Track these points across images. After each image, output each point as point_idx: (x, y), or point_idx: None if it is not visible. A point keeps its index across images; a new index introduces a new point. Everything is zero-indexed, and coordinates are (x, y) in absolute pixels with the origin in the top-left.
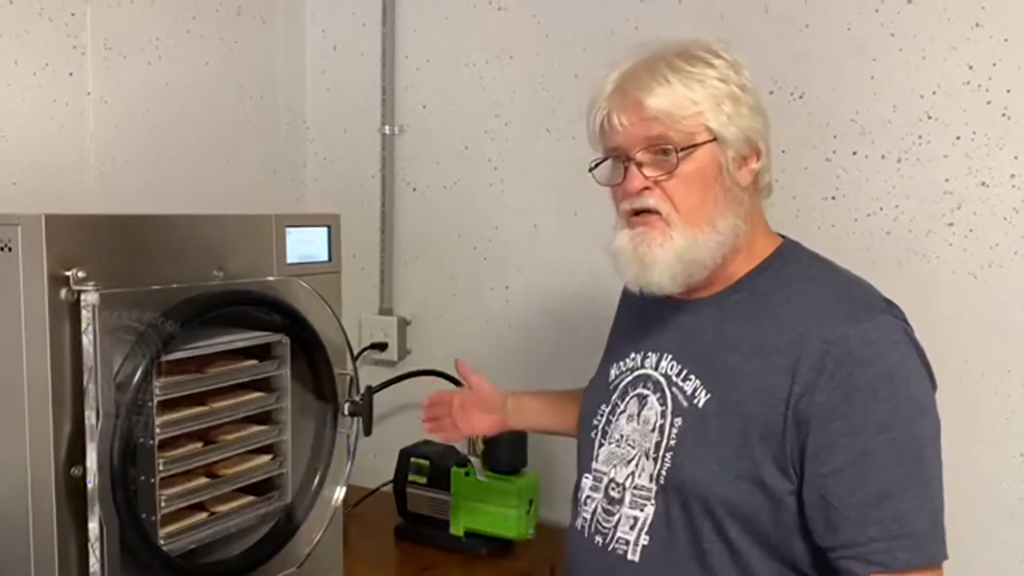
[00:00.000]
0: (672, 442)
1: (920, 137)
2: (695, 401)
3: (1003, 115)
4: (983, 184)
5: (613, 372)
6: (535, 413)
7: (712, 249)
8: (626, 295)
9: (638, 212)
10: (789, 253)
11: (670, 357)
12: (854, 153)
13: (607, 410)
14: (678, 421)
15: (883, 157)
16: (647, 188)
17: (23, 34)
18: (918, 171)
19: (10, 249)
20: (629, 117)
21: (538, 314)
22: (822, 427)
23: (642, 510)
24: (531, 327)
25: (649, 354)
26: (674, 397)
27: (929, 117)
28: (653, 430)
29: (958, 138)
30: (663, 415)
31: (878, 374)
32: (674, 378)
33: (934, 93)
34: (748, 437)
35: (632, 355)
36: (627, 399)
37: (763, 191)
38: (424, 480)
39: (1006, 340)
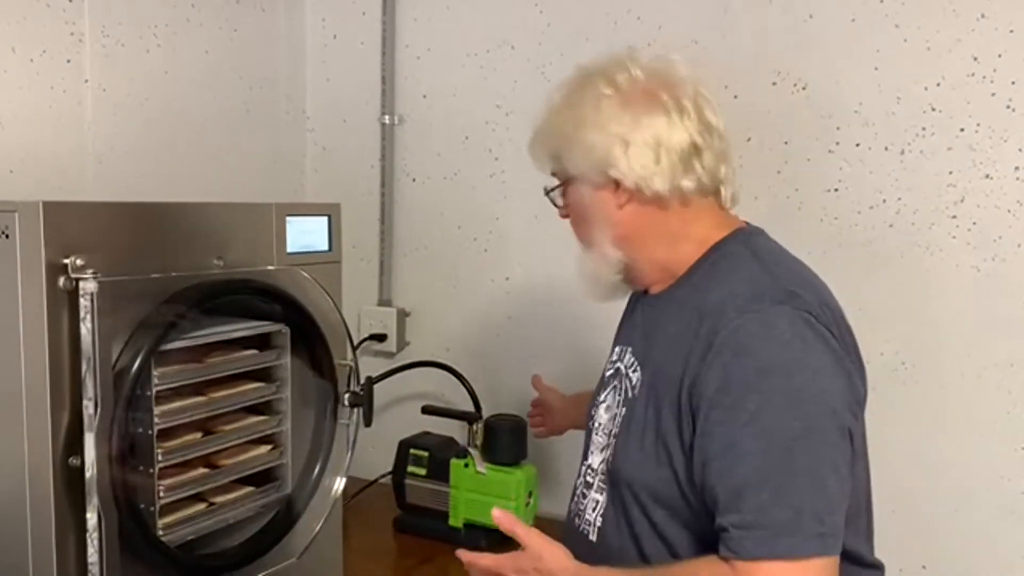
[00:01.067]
0: (616, 431)
1: (924, 129)
2: (634, 390)
3: (1008, 107)
4: (987, 177)
5: (605, 367)
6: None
7: (604, 268)
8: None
9: None
10: (728, 245)
11: (630, 351)
12: (857, 145)
13: (597, 402)
14: (623, 411)
15: (886, 149)
16: (567, 215)
17: (21, 20)
18: (922, 163)
19: (7, 236)
20: (536, 162)
21: (538, 306)
22: (703, 416)
23: (601, 494)
24: (531, 319)
25: (620, 347)
26: (625, 388)
27: (933, 109)
28: (611, 419)
29: (962, 130)
30: (619, 405)
31: (755, 366)
32: (627, 370)
33: (938, 85)
34: (661, 423)
35: (616, 350)
36: (605, 391)
37: (669, 201)
38: (423, 472)
39: (1008, 334)
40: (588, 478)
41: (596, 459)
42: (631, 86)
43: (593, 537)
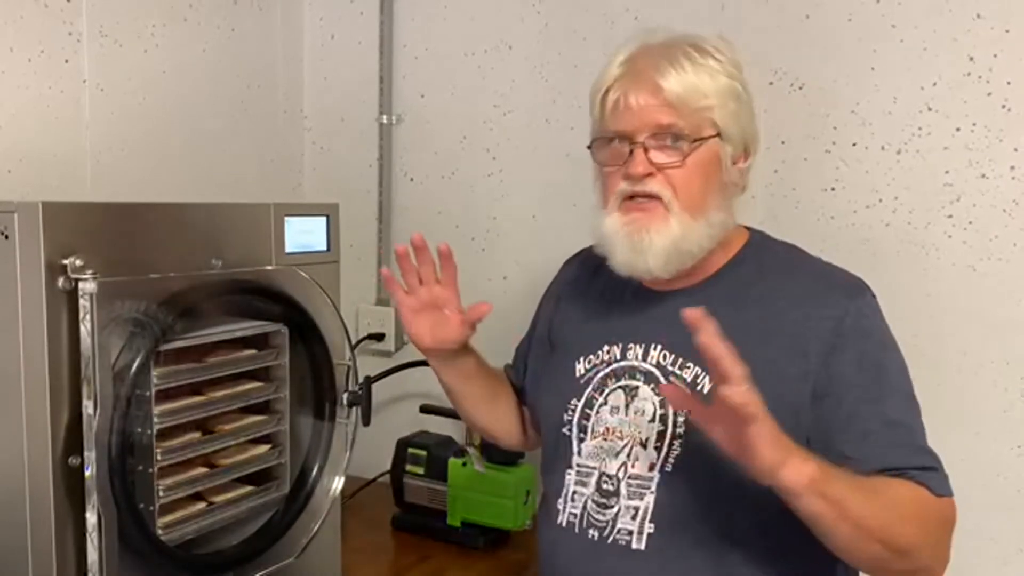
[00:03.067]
0: (679, 430)
1: (920, 129)
2: (699, 388)
3: (1003, 107)
4: (983, 176)
5: (581, 367)
6: (472, 364)
7: (703, 240)
8: (563, 289)
9: (633, 197)
10: (761, 243)
11: (660, 347)
12: (854, 144)
13: (580, 404)
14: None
15: (883, 148)
16: (650, 174)
17: (18, 20)
18: (918, 163)
19: (7, 237)
20: (646, 99)
21: (536, 306)
22: (845, 397)
23: (641, 499)
24: (529, 318)
25: (631, 345)
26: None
27: (929, 108)
28: (652, 420)
29: (958, 130)
30: (663, 404)
31: (879, 342)
32: (670, 367)
33: (935, 84)
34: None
35: (606, 348)
36: (607, 392)
37: (741, 191)
38: (421, 471)
39: (1005, 333)
40: (606, 486)
41: (612, 465)
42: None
43: (639, 545)
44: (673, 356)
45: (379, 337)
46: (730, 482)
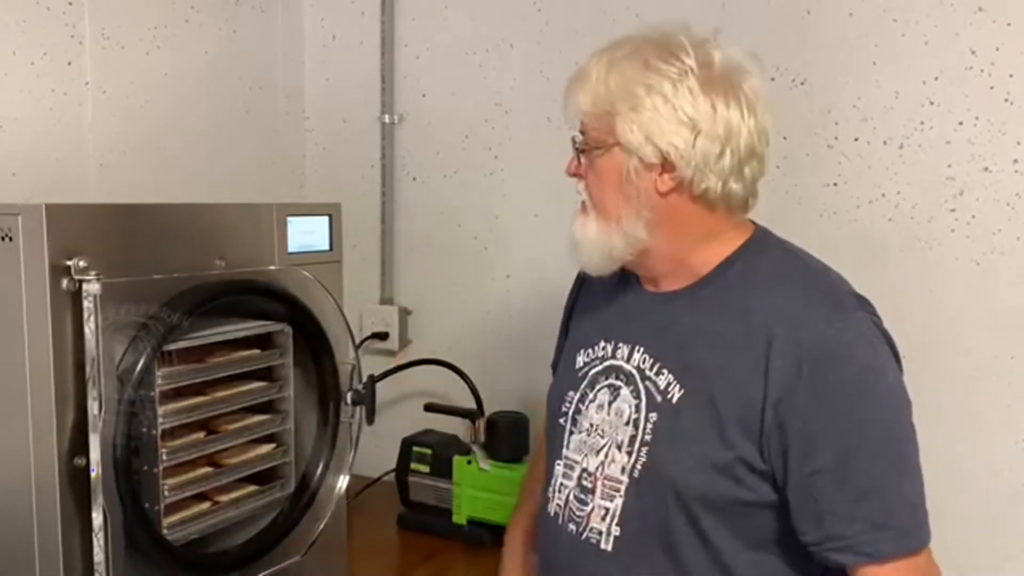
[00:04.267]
0: (648, 437)
1: (922, 123)
2: (669, 396)
3: (1006, 100)
4: (986, 170)
5: (581, 359)
6: None
7: (620, 244)
8: (587, 280)
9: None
10: (759, 245)
11: (642, 350)
12: (856, 139)
13: (575, 397)
14: (653, 416)
15: (885, 143)
16: (579, 175)
17: (21, 23)
18: (920, 157)
19: (11, 239)
20: (569, 106)
21: (539, 304)
22: (804, 429)
23: (611, 501)
24: (532, 317)
25: (620, 345)
26: (648, 391)
27: (931, 103)
28: (627, 423)
29: (960, 124)
30: (637, 409)
31: (855, 374)
32: (647, 372)
33: (936, 79)
34: (724, 430)
35: (602, 344)
36: (597, 388)
37: (715, 202)
38: (426, 469)
39: (1008, 327)
40: (585, 482)
41: (592, 462)
42: (719, 67)
43: (607, 546)
44: (651, 360)
45: (383, 336)
46: (688, 496)
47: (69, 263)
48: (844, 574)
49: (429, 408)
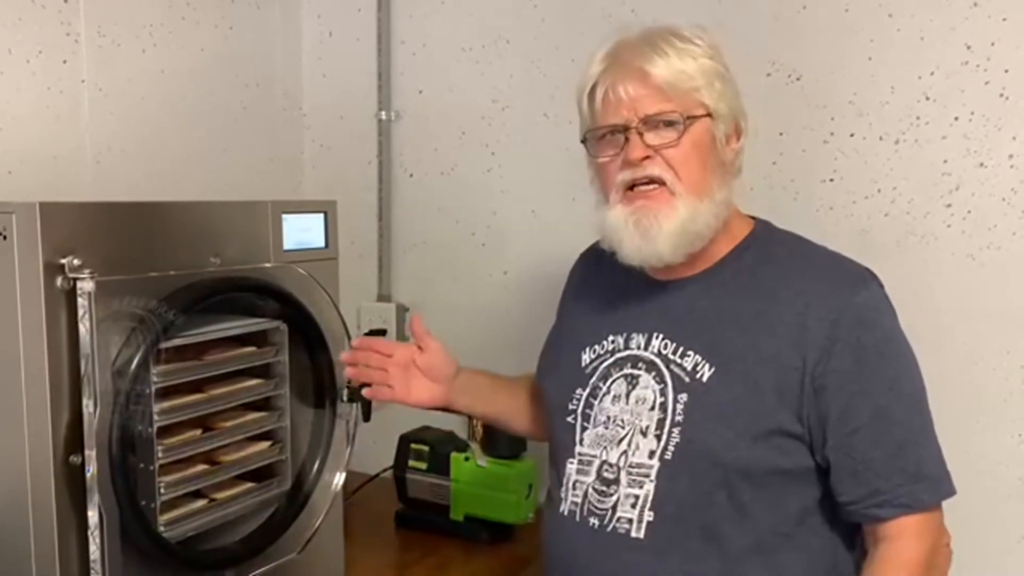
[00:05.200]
0: (678, 418)
1: (918, 118)
2: (698, 376)
3: (1001, 95)
4: (981, 165)
5: (587, 356)
6: (487, 392)
7: (710, 219)
8: (575, 282)
9: (635, 186)
10: (766, 233)
11: (661, 336)
12: (852, 135)
13: (585, 394)
14: (683, 397)
15: (881, 139)
16: (648, 157)
17: (16, 21)
18: (916, 152)
19: (5, 237)
20: (635, 88)
21: (537, 300)
22: (839, 391)
23: (641, 487)
24: (529, 313)
25: (634, 335)
26: (674, 374)
27: (927, 98)
28: (652, 408)
29: (956, 119)
30: (663, 393)
31: (882, 337)
32: (671, 356)
33: (932, 74)
34: (762, 401)
35: (611, 338)
36: (610, 381)
37: (737, 172)
38: (424, 466)
39: (1004, 322)
40: (607, 474)
41: (613, 453)
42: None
43: (639, 534)
44: (674, 345)
45: (381, 333)
46: (729, 468)
47: (63, 261)
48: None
49: None
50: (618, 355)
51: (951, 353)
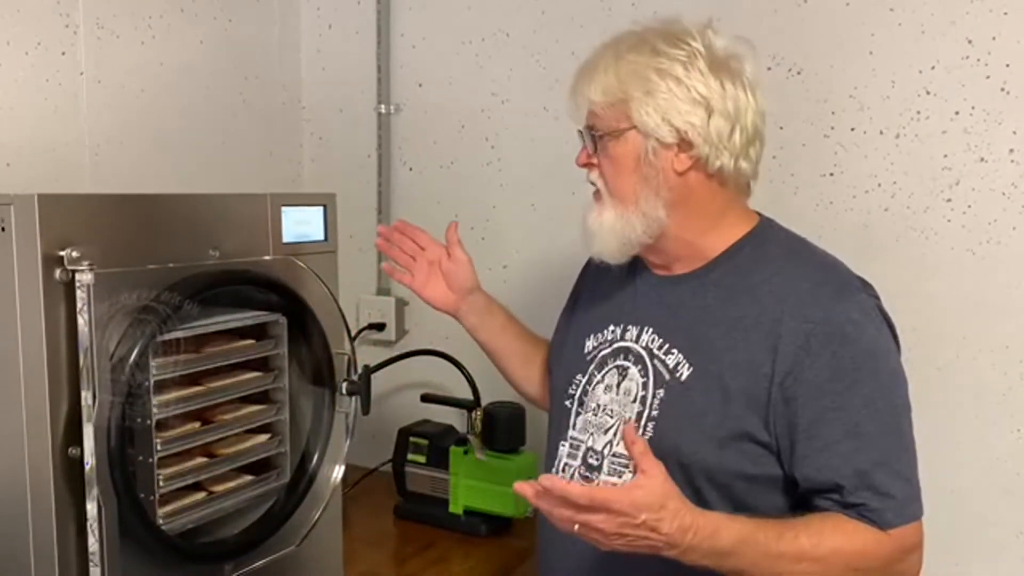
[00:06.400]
0: (654, 412)
1: (919, 113)
2: (677, 374)
3: (1002, 90)
4: (982, 160)
5: (590, 343)
6: (497, 325)
7: (640, 227)
8: (593, 268)
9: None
10: (765, 232)
11: (651, 331)
12: (852, 129)
13: (583, 380)
14: (660, 393)
15: (881, 133)
16: (590, 164)
17: (14, 13)
18: (916, 147)
19: (3, 229)
20: (576, 99)
21: (536, 294)
22: (812, 403)
23: (620, 477)
24: (529, 307)
25: (630, 327)
26: (656, 370)
27: (928, 92)
28: (634, 401)
29: (957, 113)
30: (644, 387)
31: (861, 351)
32: (656, 351)
33: (933, 68)
34: (731, 405)
35: (611, 327)
36: (605, 370)
37: (728, 179)
38: (423, 459)
39: (1004, 316)
40: (592, 460)
41: (599, 441)
42: (720, 52)
43: None
44: (660, 340)
45: (380, 327)
46: (694, 469)
47: (62, 253)
48: None
49: (426, 398)
50: (615, 345)
51: (950, 347)
